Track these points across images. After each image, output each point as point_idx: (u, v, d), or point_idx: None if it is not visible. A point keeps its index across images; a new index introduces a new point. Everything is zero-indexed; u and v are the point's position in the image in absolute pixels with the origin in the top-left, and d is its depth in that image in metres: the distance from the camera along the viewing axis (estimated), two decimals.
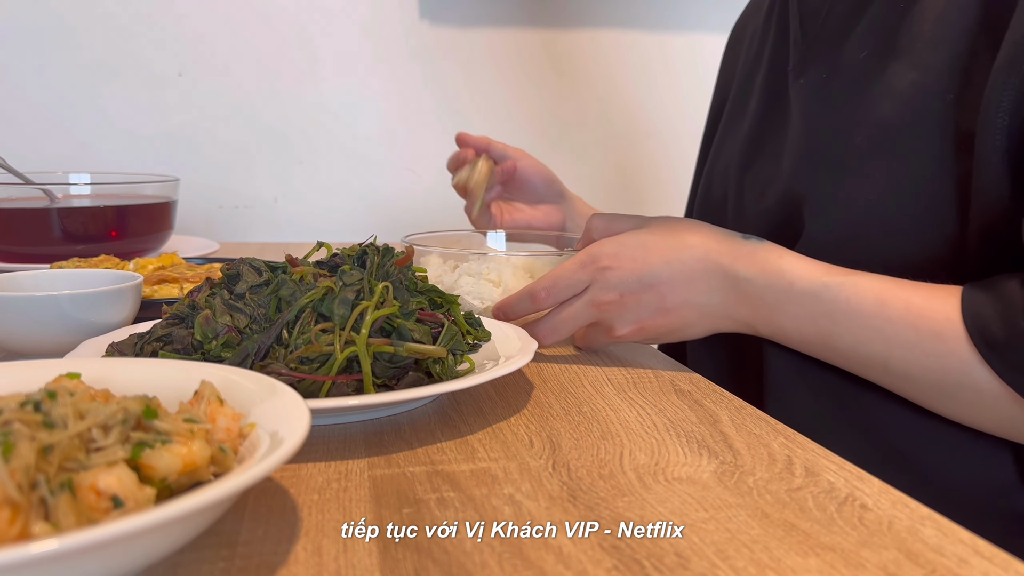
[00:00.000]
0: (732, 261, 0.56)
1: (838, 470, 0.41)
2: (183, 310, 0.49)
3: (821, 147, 0.62)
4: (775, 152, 0.69)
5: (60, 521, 0.26)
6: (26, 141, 1.24)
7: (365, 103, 1.36)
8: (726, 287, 0.57)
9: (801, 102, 0.66)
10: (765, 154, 0.71)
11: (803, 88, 0.66)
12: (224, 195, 1.33)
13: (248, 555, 0.31)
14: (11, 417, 0.28)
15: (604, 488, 0.38)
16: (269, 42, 1.31)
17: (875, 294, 0.52)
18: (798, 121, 0.66)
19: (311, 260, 0.54)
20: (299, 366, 0.45)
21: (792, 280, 0.55)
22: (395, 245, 0.65)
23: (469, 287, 0.65)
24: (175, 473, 0.30)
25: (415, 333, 0.48)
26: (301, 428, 0.32)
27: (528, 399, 0.52)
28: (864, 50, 0.61)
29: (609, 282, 0.58)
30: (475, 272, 0.66)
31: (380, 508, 0.36)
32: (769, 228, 0.66)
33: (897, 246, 0.56)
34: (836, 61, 0.64)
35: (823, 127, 0.62)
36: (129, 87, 1.27)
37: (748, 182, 0.72)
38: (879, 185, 0.57)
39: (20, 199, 0.89)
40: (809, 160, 0.63)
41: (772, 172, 0.68)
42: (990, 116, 0.50)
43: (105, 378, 0.38)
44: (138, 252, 0.92)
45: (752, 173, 0.71)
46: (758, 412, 0.50)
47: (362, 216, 1.39)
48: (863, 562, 0.32)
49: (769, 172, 0.68)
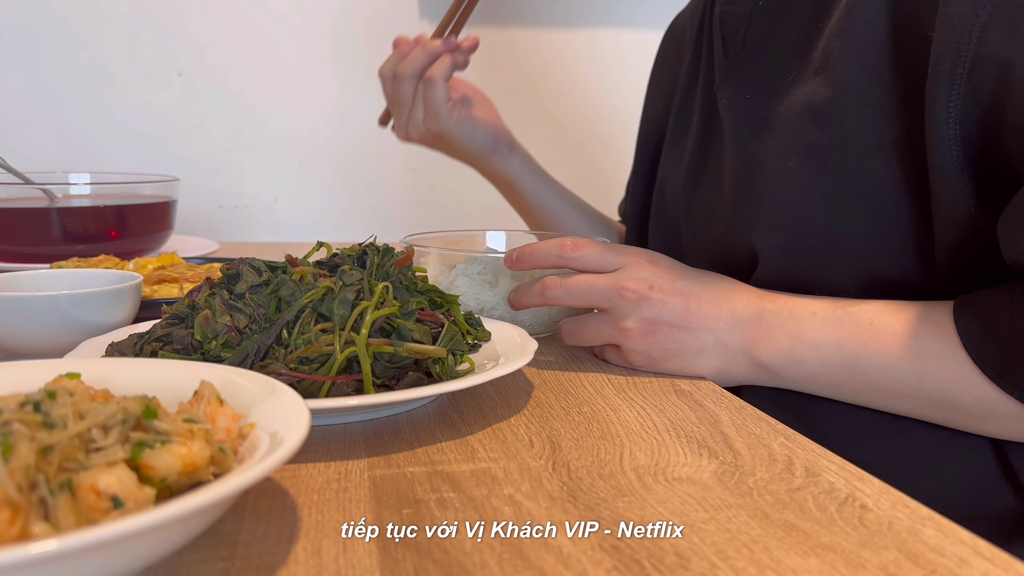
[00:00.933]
0: (759, 295, 0.57)
1: (838, 470, 0.41)
2: (183, 310, 0.49)
3: (759, 172, 0.61)
4: (715, 175, 0.68)
5: (60, 521, 0.26)
6: (26, 141, 1.25)
7: (365, 102, 1.36)
8: (750, 317, 0.56)
9: (730, 123, 0.65)
10: (706, 176, 0.70)
11: (728, 108, 0.66)
12: (224, 195, 1.33)
13: (248, 555, 0.31)
14: (11, 417, 0.28)
15: (604, 488, 0.38)
16: (269, 42, 1.31)
17: (896, 314, 0.51)
18: (731, 143, 0.65)
19: (311, 260, 0.54)
20: (299, 366, 0.45)
21: (814, 311, 0.54)
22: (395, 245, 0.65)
23: (464, 288, 0.65)
24: (175, 473, 0.30)
25: (415, 333, 0.48)
26: (301, 428, 0.32)
27: (528, 399, 0.52)
28: (789, 72, 0.60)
29: (643, 273, 0.57)
30: (471, 273, 0.66)
31: (380, 508, 0.36)
32: (723, 253, 0.65)
33: (859, 264, 0.55)
34: (758, 82, 0.64)
35: (755, 151, 0.62)
36: (129, 87, 1.28)
37: (697, 205, 0.71)
38: (824, 205, 0.56)
39: (20, 199, 0.89)
40: (749, 186, 0.62)
41: (715, 198, 0.67)
42: (940, 129, 0.49)
43: (105, 378, 0.38)
44: (138, 252, 0.92)
45: (699, 195, 0.70)
46: (758, 412, 0.50)
47: (362, 216, 1.39)
48: (863, 562, 0.32)
49: (713, 198, 0.68)
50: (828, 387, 0.54)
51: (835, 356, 0.53)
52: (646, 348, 0.56)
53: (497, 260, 0.66)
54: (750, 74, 0.65)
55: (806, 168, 0.57)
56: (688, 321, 0.56)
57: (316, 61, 1.33)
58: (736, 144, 0.64)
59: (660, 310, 0.56)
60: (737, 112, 0.65)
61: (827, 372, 0.53)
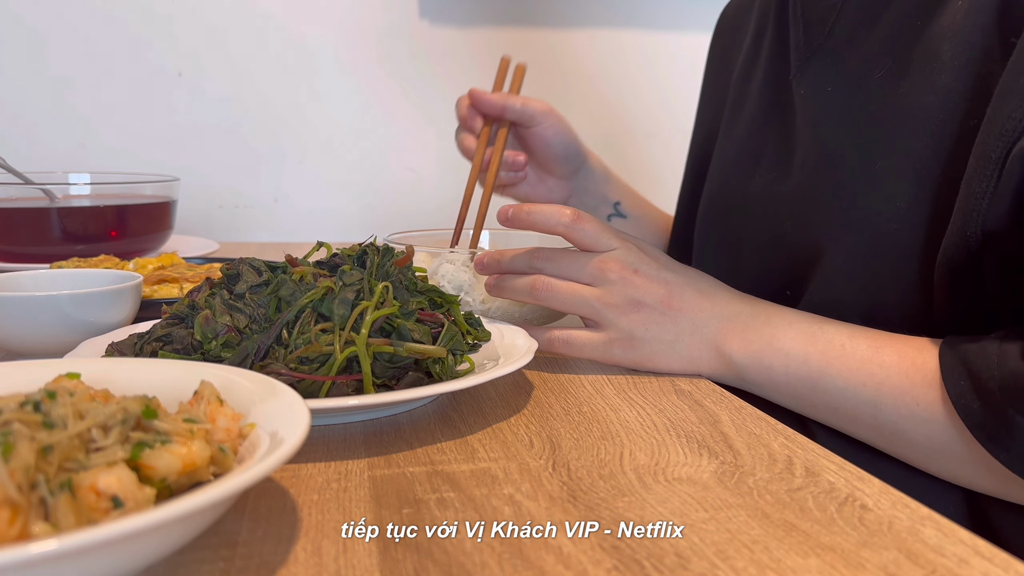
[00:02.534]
0: (741, 297, 0.57)
1: (838, 470, 0.41)
2: (183, 310, 0.49)
3: (839, 170, 0.59)
4: (780, 165, 0.66)
5: (60, 521, 0.26)
6: (26, 141, 1.24)
7: (365, 103, 1.36)
8: (729, 314, 0.56)
9: (808, 115, 0.63)
10: (765, 166, 0.68)
11: (807, 99, 0.63)
12: (224, 195, 1.33)
13: (248, 555, 0.31)
14: (11, 417, 0.28)
15: (604, 488, 0.38)
16: (269, 42, 1.31)
17: (870, 341, 0.51)
18: (807, 136, 0.63)
19: (311, 260, 0.54)
20: (299, 366, 0.45)
21: (792, 320, 0.55)
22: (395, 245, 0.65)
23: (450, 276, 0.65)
24: (175, 473, 0.30)
25: (415, 333, 0.48)
26: (301, 428, 0.32)
27: (528, 399, 0.52)
28: (879, 69, 0.58)
29: (630, 253, 0.57)
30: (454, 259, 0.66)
31: (380, 508, 0.36)
32: (787, 248, 0.63)
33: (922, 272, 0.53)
34: (843, 75, 0.61)
35: (836, 147, 0.59)
36: (129, 87, 1.28)
37: (753, 195, 0.68)
38: (911, 215, 0.54)
39: (20, 199, 0.89)
40: (826, 184, 0.60)
41: (778, 190, 0.65)
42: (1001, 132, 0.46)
43: (105, 378, 0.38)
44: (138, 252, 0.92)
45: (755, 185, 0.68)
46: (758, 412, 0.50)
47: (362, 216, 1.39)
48: (863, 562, 0.32)
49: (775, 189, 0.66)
50: (789, 398, 0.55)
51: (800, 368, 0.53)
52: (628, 325, 0.57)
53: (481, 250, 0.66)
54: (834, 66, 0.62)
55: (894, 173, 0.55)
56: (670, 307, 0.56)
57: (316, 61, 1.33)
58: (814, 138, 0.62)
59: (643, 293, 0.56)
60: (817, 103, 0.62)
61: (789, 383, 0.54)
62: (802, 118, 0.64)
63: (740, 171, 0.71)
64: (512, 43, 1.40)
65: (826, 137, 0.61)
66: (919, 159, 0.53)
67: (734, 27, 0.83)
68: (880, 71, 0.58)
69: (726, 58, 0.82)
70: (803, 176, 0.62)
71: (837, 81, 0.62)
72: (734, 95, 0.76)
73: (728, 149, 0.75)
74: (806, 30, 0.66)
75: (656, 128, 1.48)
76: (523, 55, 1.45)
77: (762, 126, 0.70)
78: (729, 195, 0.73)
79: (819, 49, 0.64)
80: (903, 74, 0.56)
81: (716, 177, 0.76)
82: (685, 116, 1.47)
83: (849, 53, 0.62)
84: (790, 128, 0.66)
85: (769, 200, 0.66)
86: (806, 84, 0.64)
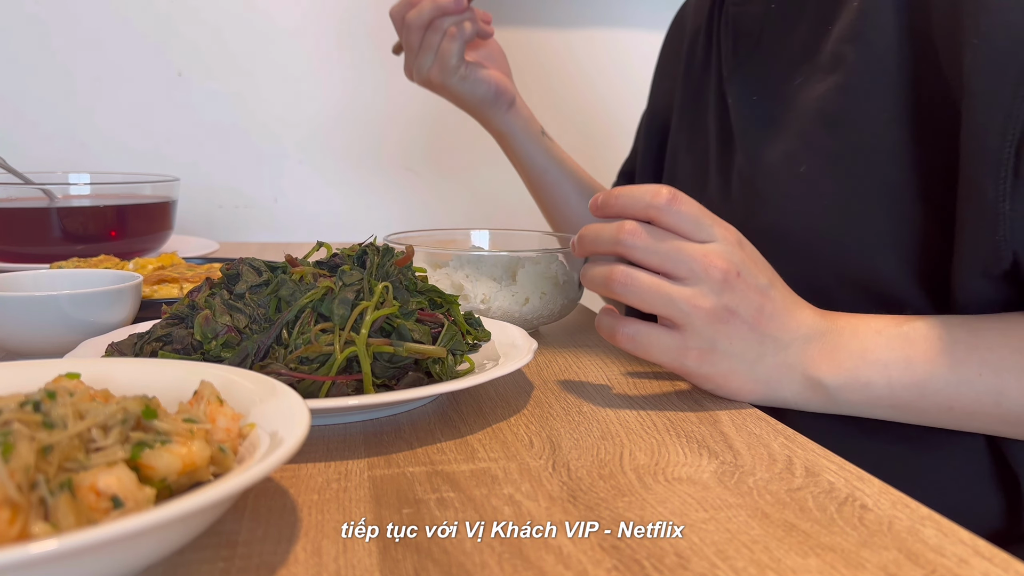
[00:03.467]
0: (822, 314, 0.52)
1: (838, 470, 0.41)
2: (183, 310, 0.49)
3: (768, 176, 0.60)
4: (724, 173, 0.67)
5: (60, 521, 0.26)
6: (26, 141, 1.24)
7: (365, 103, 1.36)
8: (814, 334, 0.51)
9: (737, 123, 0.65)
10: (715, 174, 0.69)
11: (735, 108, 0.65)
12: (224, 195, 1.33)
13: (248, 555, 0.31)
14: (11, 417, 0.28)
15: (604, 488, 0.38)
16: (269, 42, 1.31)
17: (962, 328, 0.49)
18: (739, 144, 0.64)
19: (311, 260, 0.54)
20: (299, 366, 0.45)
21: (878, 328, 0.51)
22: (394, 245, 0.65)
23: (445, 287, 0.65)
24: (175, 473, 0.30)
25: (415, 333, 0.48)
26: (301, 428, 0.32)
27: (528, 399, 0.52)
28: (797, 75, 0.59)
29: (734, 251, 0.49)
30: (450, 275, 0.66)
31: (380, 508, 0.36)
32: None
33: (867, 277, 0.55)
34: (765, 82, 0.63)
35: (763, 154, 0.61)
36: (129, 87, 1.28)
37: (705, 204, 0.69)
38: (837, 213, 0.55)
39: (20, 199, 0.89)
40: (758, 191, 0.61)
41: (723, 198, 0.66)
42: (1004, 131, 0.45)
43: (105, 378, 0.38)
44: (138, 252, 0.92)
45: (707, 195, 0.69)
46: (758, 412, 0.50)
47: (362, 216, 1.39)
48: (863, 562, 0.32)
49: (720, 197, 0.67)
50: (892, 409, 0.50)
51: (904, 376, 0.49)
52: (712, 335, 0.49)
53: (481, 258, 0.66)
54: (757, 74, 0.64)
55: (817, 175, 0.56)
56: (760, 323, 0.50)
57: (315, 61, 1.33)
58: (744, 145, 0.64)
59: (740, 301, 0.49)
60: (743, 112, 0.64)
61: (893, 394, 0.49)
62: (734, 126, 0.66)
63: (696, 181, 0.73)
64: (511, 43, 1.40)
65: (752, 145, 0.62)
66: (838, 157, 0.55)
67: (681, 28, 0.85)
68: (799, 77, 0.60)
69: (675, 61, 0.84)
70: (740, 184, 0.64)
71: (760, 89, 0.63)
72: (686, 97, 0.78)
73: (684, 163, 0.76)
74: (735, 42, 0.68)
75: None
76: (520, 55, 1.45)
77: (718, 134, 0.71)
78: None
79: (746, 58, 0.66)
80: (817, 77, 0.58)
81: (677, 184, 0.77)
82: None
83: (771, 61, 0.63)
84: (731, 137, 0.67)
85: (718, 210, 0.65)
86: (733, 93, 0.66)
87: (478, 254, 0.66)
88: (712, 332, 0.49)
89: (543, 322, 0.67)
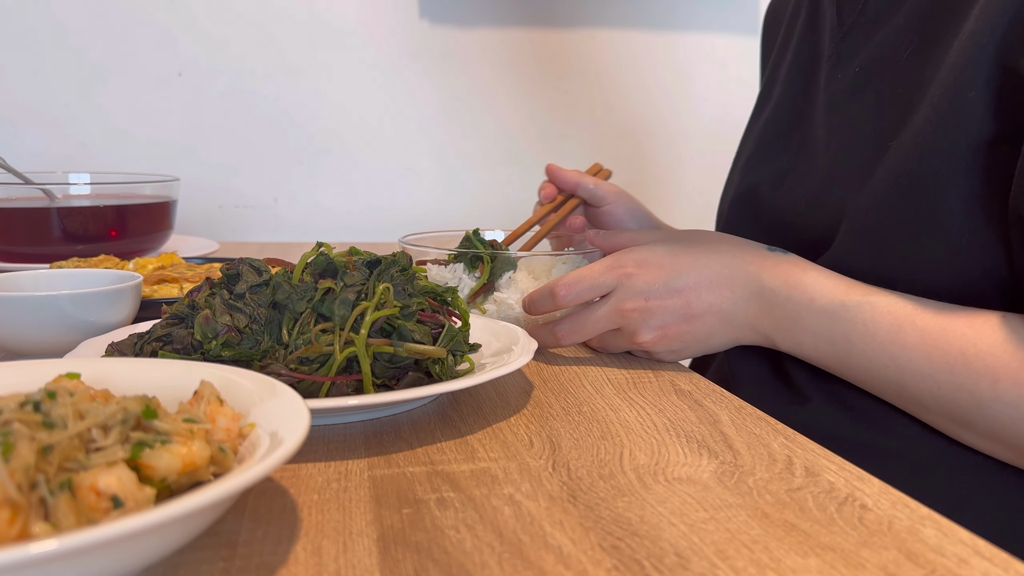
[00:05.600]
0: (758, 270, 0.57)
1: (838, 470, 0.41)
2: (183, 310, 0.49)
3: (858, 156, 0.58)
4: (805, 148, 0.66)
5: (60, 521, 0.26)
6: (26, 141, 1.24)
7: (365, 103, 1.36)
8: (750, 295, 0.57)
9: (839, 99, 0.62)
10: (791, 149, 0.68)
11: (839, 83, 0.63)
12: (224, 195, 1.33)
13: (248, 555, 0.31)
14: (11, 417, 0.28)
15: (604, 488, 0.38)
16: (269, 42, 1.31)
17: (892, 319, 0.51)
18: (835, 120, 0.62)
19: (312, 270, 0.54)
20: (299, 366, 0.45)
21: (812, 296, 0.54)
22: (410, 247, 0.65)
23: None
24: (175, 473, 0.30)
25: (415, 334, 0.48)
26: (301, 428, 0.32)
27: (528, 399, 0.52)
28: (905, 46, 0.57)
29: (635, 287, 0.58)
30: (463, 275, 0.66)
31: (380, 508, 0.36)
32: (799, 231, 0.63)
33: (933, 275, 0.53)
34: (871, 55, 0.60)
35: (858, 134, 0.59)
36: (129, 87, 1.27)
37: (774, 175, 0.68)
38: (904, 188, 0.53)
39: (20, 199, 0.89)
40: (845, 169, 0.59)
41: (803, 171, 0.65)
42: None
43: (105, 378, 0.38)
44: (138, 252, 0.92)
45: (778, 166, 0.68)
46: (758, 412, 0.50)
47: (362, 216, 1.39)
48: (863, 562, 0.32)
49: (799, 170, 0.65)
50: (825, 367, 0.56)
51: (827, 348, 0.54)
52: (667, 347, 0.59)
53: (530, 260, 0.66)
54: (863, 47, 0.62)
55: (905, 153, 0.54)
56: (692, 313, 0.58)
57: (315, 61, 1.33)
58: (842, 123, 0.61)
59: (664, 316, 0.58)
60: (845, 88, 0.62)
61: (820, 359, 0.56)
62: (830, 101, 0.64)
63: (762, 153, 0.72)
64: (512, 43, 1.40)
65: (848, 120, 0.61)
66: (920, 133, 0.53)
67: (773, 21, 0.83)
68: (907, 49, 0.57)
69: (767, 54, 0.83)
70: (825, 162, 0.62)
71: (865, 62, 0.61)
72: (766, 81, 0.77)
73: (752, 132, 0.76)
74: (839, 9, 0.66)
75: (657, 128, 1.48)
76: (523, 55, 1.45)
77: (788, 110, 0.70)
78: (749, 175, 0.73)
79: (851, 28, 0.64)
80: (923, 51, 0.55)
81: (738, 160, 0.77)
82: (686, 115, 1.48)
83: (877, 32, 0.61)
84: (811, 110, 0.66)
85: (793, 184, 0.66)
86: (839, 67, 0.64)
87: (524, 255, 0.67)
88: (666, 345, 0.59)
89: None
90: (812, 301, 0.54)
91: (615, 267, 0.59)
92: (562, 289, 0.59)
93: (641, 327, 0.58)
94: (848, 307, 0.53)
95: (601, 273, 0.59)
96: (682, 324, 0.58)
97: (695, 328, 0.58)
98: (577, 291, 0.59)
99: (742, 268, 0.57)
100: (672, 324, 0.58)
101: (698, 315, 0.58)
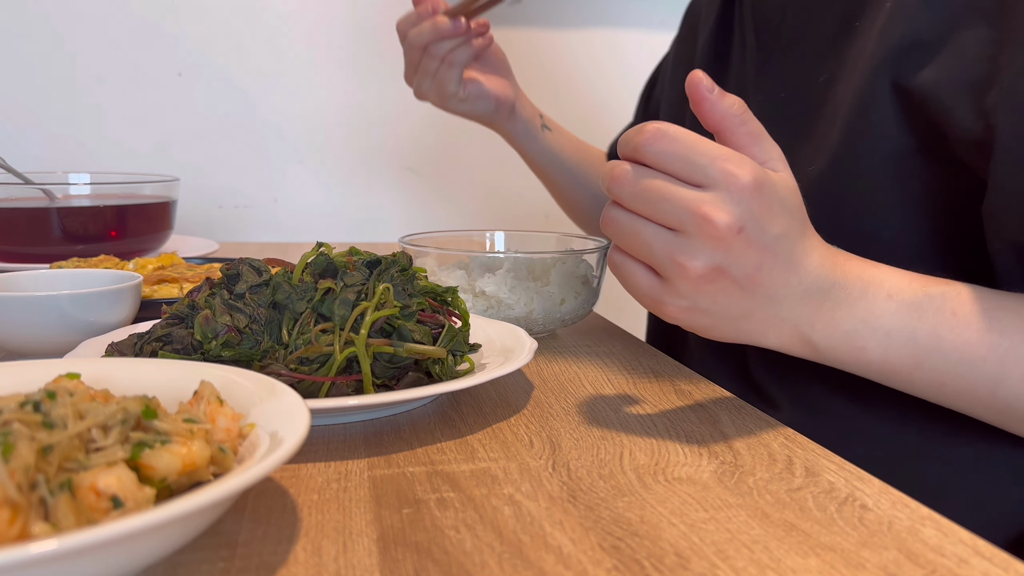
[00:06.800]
0: (833, 263, 0.47)
1: (838, 470, 0.41)
2: (183, 310, 0.49)
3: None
4: None
5: (60, 521, 0.26)
6: (26, 141, 1.24)
7: (365, 103, 1.36)
8: (817, 292, 0.46)
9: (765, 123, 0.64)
10: None
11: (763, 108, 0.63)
12: (224, 195, 1.33)
13: (248, 555, 0.31)
14: (11, 417, 0.28)
15: (604, 488, 0.38)
16: (268, 42, 1.31)
17: (983, 305, 0.46)
18: None
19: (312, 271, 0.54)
20: (299, 366, 0.45)
21: (891, 292, 0.47)
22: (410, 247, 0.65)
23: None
24: (175, 473, 0.30)
25: (415, 334, 0.48)
26: (301, 428, 0.32)
27: (528, 399, 0.52)
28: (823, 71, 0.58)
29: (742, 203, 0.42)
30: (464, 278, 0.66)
31: (380, 508, 0.36)
32: None
33: None
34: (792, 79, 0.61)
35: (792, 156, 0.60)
36: (129, 87, 1.27)
37: None
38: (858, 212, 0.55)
39: (20, 199, 0.89)
40: None
41: None
42: None
43: (105, 378, 0.38)
44: (138, 252, 0.92)
45: None
46: (758, 412, 0.50)
47: (361, 216, 1.39)
48: (863, 562, 0.32)
49: None
50: (879, 376, 0.48)
51: (904, 349, 0.46)
52: (693, 294, 0.44)
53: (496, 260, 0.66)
54: (784, 71, 0.63)
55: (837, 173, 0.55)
56: (753, 282, 0.44)
57: (315, 61, 1.33)
58: None
59: (735, 260, 0.43)
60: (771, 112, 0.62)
61: (886, 363, 0.47)
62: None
63: None
64: (510, 43, 1.39)
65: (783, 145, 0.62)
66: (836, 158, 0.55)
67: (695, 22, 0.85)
68: (825, 73, 0.59)
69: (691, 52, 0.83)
70: None
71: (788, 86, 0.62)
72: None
73: None
74: (757, 33, 0.67)
75: None
76: (522, 55, 1.45)
77: None
78: None
79: (770, 53, 0.65)
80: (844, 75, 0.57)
81: None
82: None
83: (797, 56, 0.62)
84: None
85: None
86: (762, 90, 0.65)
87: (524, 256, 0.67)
88: (695, 293, 0.44)
89: (574, 321, 0.68)
90: (890, 298, 0.46)
91: (726, 159, 0.43)
92: (653, 130, 0.43)
93: (704, 251, 0.43)
94: (933, 298, 0.46)
95: (704, 151, 0.43)
96: (734, 286, 0.44)
97: (737, 298, 0.45)
98: (663, 148, 0.43)
99: (820, 248, 0.47)
100: (728, 277, 0.44)
101: (756, 290, 0.45)
